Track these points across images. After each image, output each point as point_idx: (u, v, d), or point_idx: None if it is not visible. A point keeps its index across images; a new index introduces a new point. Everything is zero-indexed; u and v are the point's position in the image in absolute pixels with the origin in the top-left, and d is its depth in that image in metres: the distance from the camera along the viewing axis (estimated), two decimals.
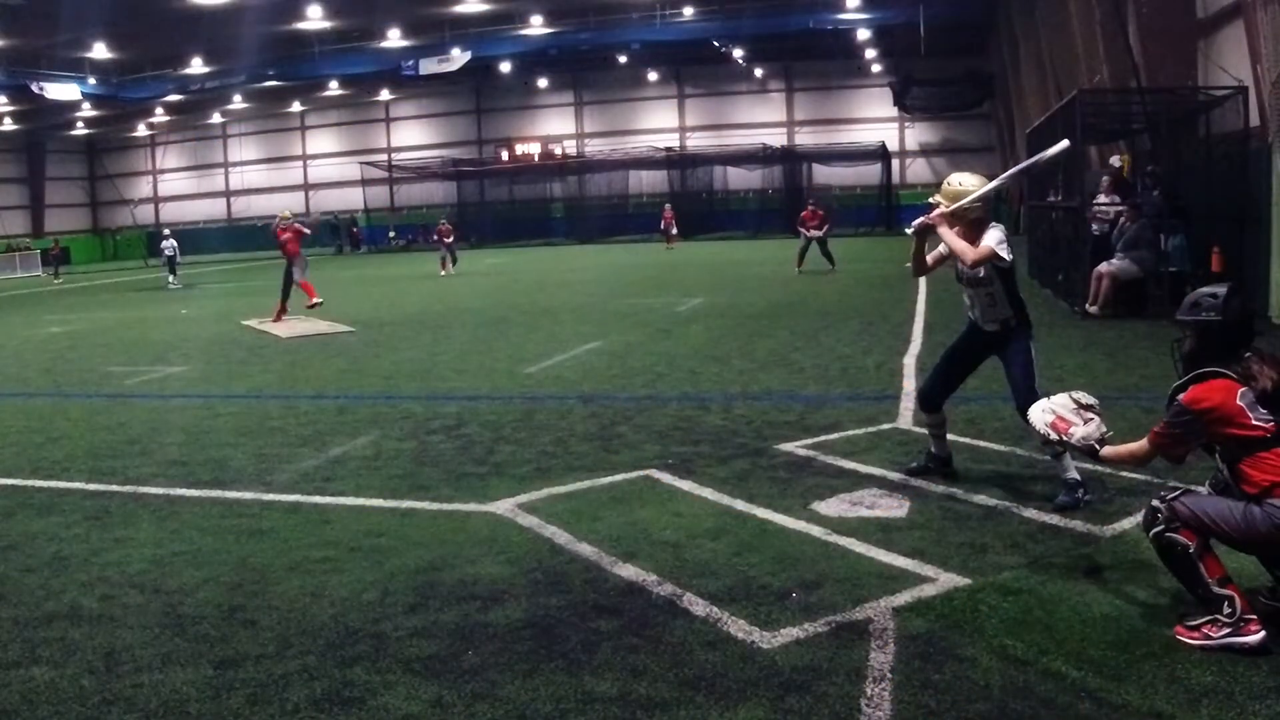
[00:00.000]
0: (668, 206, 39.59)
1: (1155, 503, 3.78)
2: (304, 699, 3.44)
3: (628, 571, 4.52)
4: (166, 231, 32.24)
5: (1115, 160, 16.51)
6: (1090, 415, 4.40)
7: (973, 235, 5.46)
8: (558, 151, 50.46)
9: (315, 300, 16.04)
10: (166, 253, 30.02)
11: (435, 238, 29.78)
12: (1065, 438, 4.39)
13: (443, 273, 27.60)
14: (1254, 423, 3.72)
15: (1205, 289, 4.06)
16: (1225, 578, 3.66)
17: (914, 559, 4.54)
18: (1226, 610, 3.57)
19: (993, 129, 42.45)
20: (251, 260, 43.35)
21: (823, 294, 17.45)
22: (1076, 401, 4.47)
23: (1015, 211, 33.58)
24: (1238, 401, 3.75)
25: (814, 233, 22.62)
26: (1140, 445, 4.00)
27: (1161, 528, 3.74)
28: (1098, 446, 4.26)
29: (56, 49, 35.94)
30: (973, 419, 7.24)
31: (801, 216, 23.45)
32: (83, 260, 53.85)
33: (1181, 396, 3.85)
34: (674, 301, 17.11)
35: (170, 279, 28.83)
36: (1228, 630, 3.56)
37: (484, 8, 37.01)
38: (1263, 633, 3.54)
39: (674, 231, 38.02)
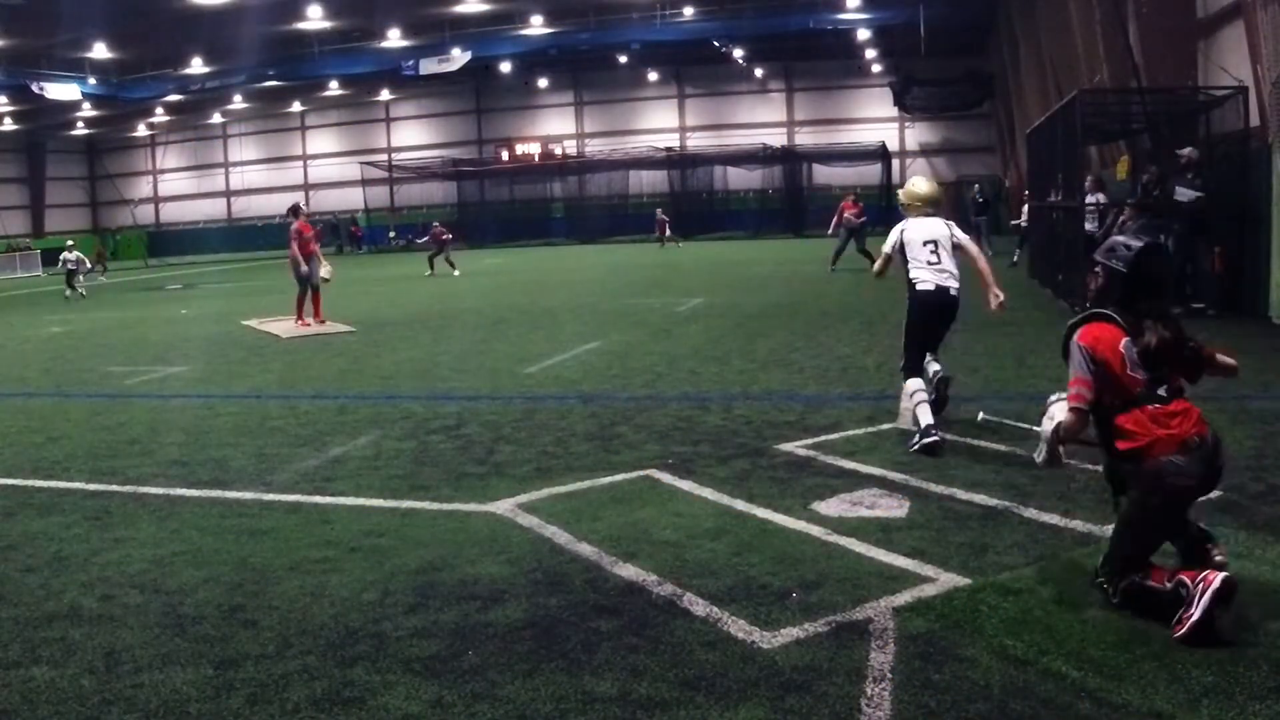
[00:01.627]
0: (660, 210, 40.80)
1: (1104, 583, 3.91)
2: (304, 699, 3.44)
3: (628, 571, 4.52)
4: (70, 243, 28.65)
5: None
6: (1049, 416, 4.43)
7: None
8: (558, 151, 50.48)
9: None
10: (69, 265, 26.82)
11: (427, 238, 29.75)
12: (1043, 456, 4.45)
13: (428, 273, 27.62)
14: (1129, 373, 3.92)
15: (1124, 238, 4.20)
16: (1168, 574, 3.79)
17: (914, 559, 4.54)
18: (1184, 593, 3.68)
19: (993, 129, 42.45)
20: (252, 260, 43.38)
21: (823, 294, 17.45)
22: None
23: (1015, 212, 33.57)
24: (1120, 348, 3.96)
25: (857, 220, 22.49)
26: (1069, 416, 4.11)
27: (1116, 601, 3.88)
28: (1059, 439, 4.30)
29: (56, 49, 35.95)
30: (973, 419, 7.23)
31: (841, 206, 23.29)
32: None
33: (1076, 337, 4.03)
34: (674, 301, 17.11)
35: (68, 291, 25.94)
36: (1195, 599, 3.64)
37: (484, 8, 37.03)
38: (1223, 574, 3.66)
39: (668, 234, 38.98)
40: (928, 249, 6.84)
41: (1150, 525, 3.88)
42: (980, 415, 4.98)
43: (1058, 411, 4.32)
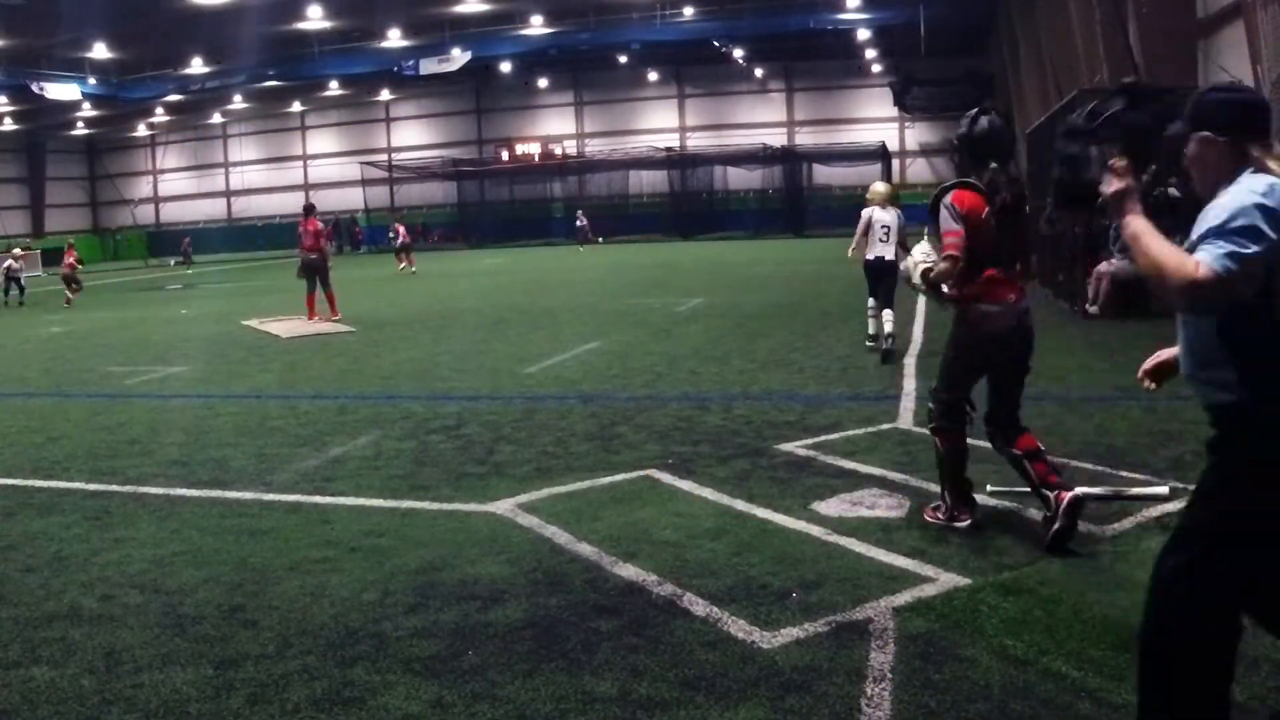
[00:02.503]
0: (580, 213, 43.48)
1: (929, 405, 5.01)
2: (304, 699, 3.44)
3: (628, 571, 4.52)
4: (18, 251, 27.48)
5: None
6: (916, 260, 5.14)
7: None
8: (558, 151, 50.47)
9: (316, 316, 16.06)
10: (11, 272, 25.05)
11: (393, 236, 31.16)
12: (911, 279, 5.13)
13: (400, 268, 28.72)
14: (988, 233, 4.63)
15: (971, 112, 4.90)
16: (957, 484, 4.88)
17: (914, 559, 4.54)
18: (946, 504, 4.92)
19: None
20: (252, 260, 43.39)
21: (823, 294, 17.45)
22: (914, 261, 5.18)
23: None
24: (982, 214, 4.65)
25: None
26: (947, 263, 4.72)
27: (932, 425, 4.98)
28: (925, 277, 4.93)
29: (56, 49, 35.95)
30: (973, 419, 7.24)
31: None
32: (82, 260, 53.81)
33: (948, 198, 4.69)
34: (674, 301, 17.11)
35: (4, 298, 24.69)
36: (946, 519, 4.90)
37: (484, 8, 37.02)
38: (969, 520, 4.85)
39: (589, 235, 41.61)
40: (881, 230, 10.43)
41: (963, 363, 4.84)
42: (989, 487, 5.20)
43: (918, 259, 5.09)
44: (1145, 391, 3.02)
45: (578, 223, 43.12)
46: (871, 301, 10.69)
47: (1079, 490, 4.61)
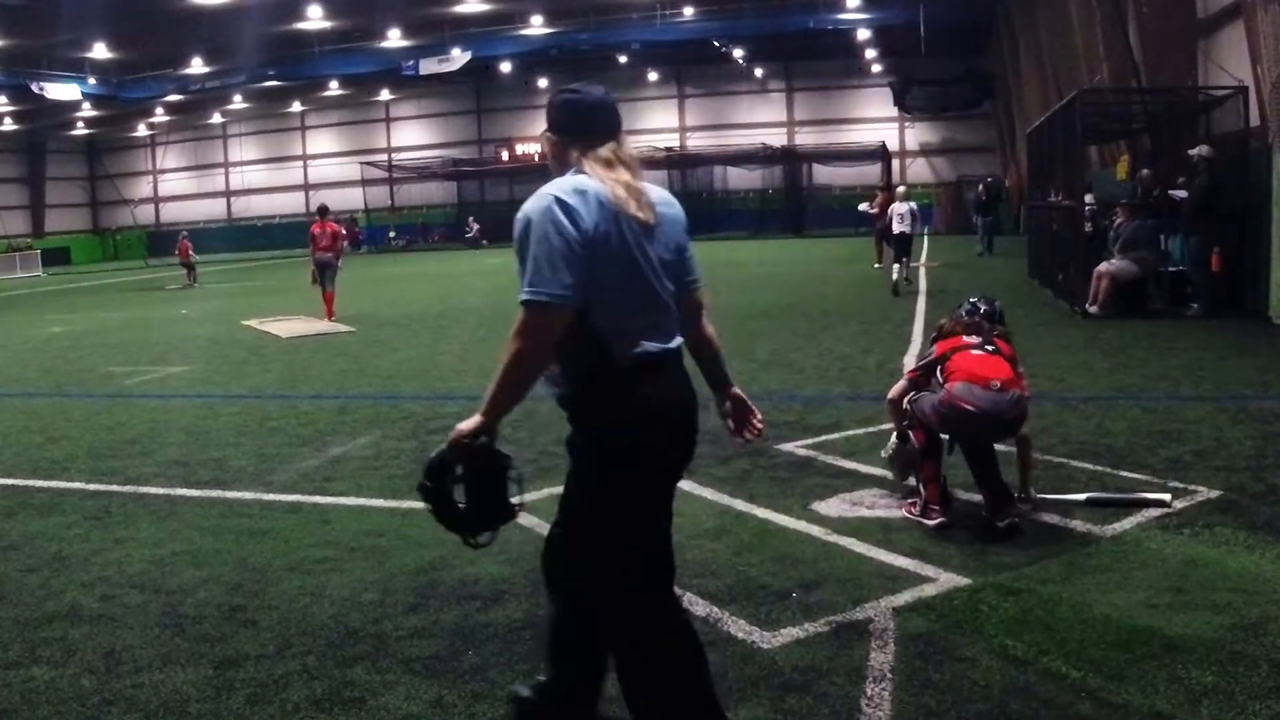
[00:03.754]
0: (471, 219, 45.73)
1: (905, 404, 5.27)
2: (304, 699, 3.44)
3: None
4: None
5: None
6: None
7: None
8: None
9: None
10: None
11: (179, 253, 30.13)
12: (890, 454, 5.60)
13: (182, 285, 27.97)
14: (964, 339, 5.19)
15: (975, 299, 5.74)
16: (930, 478, 5.02)
17: (914, 559, 4.54)
18: (920, 499, 5.07)
19: (993, 129, 42.44)
20: (252, 260, 43.38)
21: (823, 294, 17.45)
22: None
23: (1015, 211, 33.57)
24: (947, 338, 5.28)
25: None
26: (892, 389, 5.51)
27: (906, 423, 5.23)
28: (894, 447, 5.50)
29: (56, 49, 35.93)
30: None
31: (879, 201, 23.27)
32: (83, 260, 53.86)
33: (935, 343, 5.36)
34: None
35: None
36: (920, 513, 5.03)
37: (484, 8, 37.01)
38: (941, 520, 4.92)
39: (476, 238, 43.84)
40: (899, 215, 17.04)
41: (934, 423, 5.05)
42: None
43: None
44: None
45: (471, 224, 45.40)
46: (896, 266, 16.93)
47: (942, 521, 4.93)
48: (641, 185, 2.78)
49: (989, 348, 5.10)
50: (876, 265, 22.11)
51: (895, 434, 5.51)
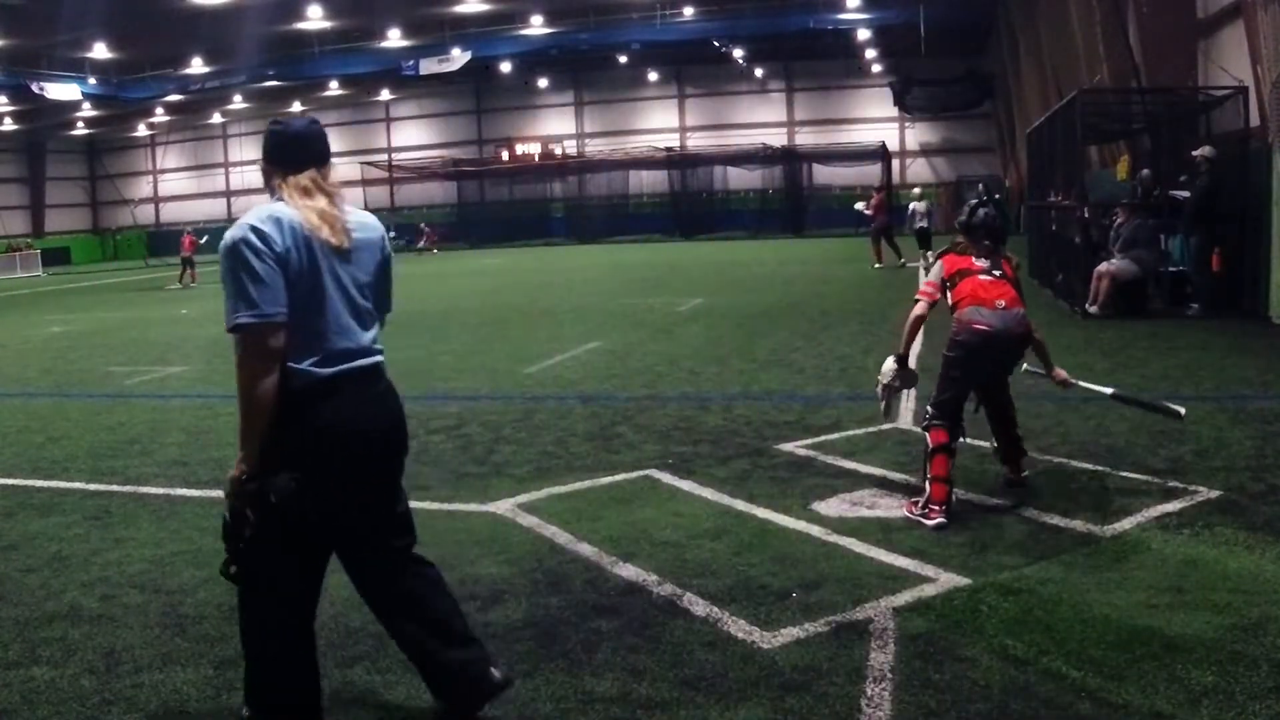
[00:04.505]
0: (424, 224, 46.50)
1: (927, 407, 5.37)
2: None
3: (628, 571, 4.52)
4: None
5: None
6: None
7: None
8: (558, 151, 50.41)
9: None
10: None
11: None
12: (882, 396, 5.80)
13: (178, 285, 27.62)
14: (973, 262, 5.44)
15: (970, 200, 5.79)
16: (939, 478, 5.07)
17: (914, 559, 4.54)
18: (924, 498, 5.11)
19: (993, 129, 42.45)
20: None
21: (823, 294, 17.45)
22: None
23: (1015, 211, 33.56)
24: (959, 255, 5.51)
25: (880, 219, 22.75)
26: (913, 310, 5.46)
27: (925, 424, 5.30)
28: (893, 372, 5.67)
29: (56, 49, 35.93)
30: (973, 419, 7.23)
31: (875, 201, 23.41)
32: (83, 260, 53.83)
33: (942, 258, 5.59)
34: (674, 301, 17.11)
35: None
36: (920, 512, 5.08)
37: (484, 8, 37.00)
38: (940, 520, 4.97)
39: (426, 243, 44.15)
40: (920, 215, 22.45)
41: (953, 365, 5.33)
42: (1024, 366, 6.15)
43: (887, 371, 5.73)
44: None
45: (422, 228, 45.77)
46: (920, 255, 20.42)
47: (941, 522, 5.00)
48: (339, 211, 3.01)
49: (996, 273, 5.38)
50: (877, 265, 22.11)
51: (894, 357, 5.62)
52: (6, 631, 4.11)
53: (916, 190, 24.54)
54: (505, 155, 50.33)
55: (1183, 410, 5.76)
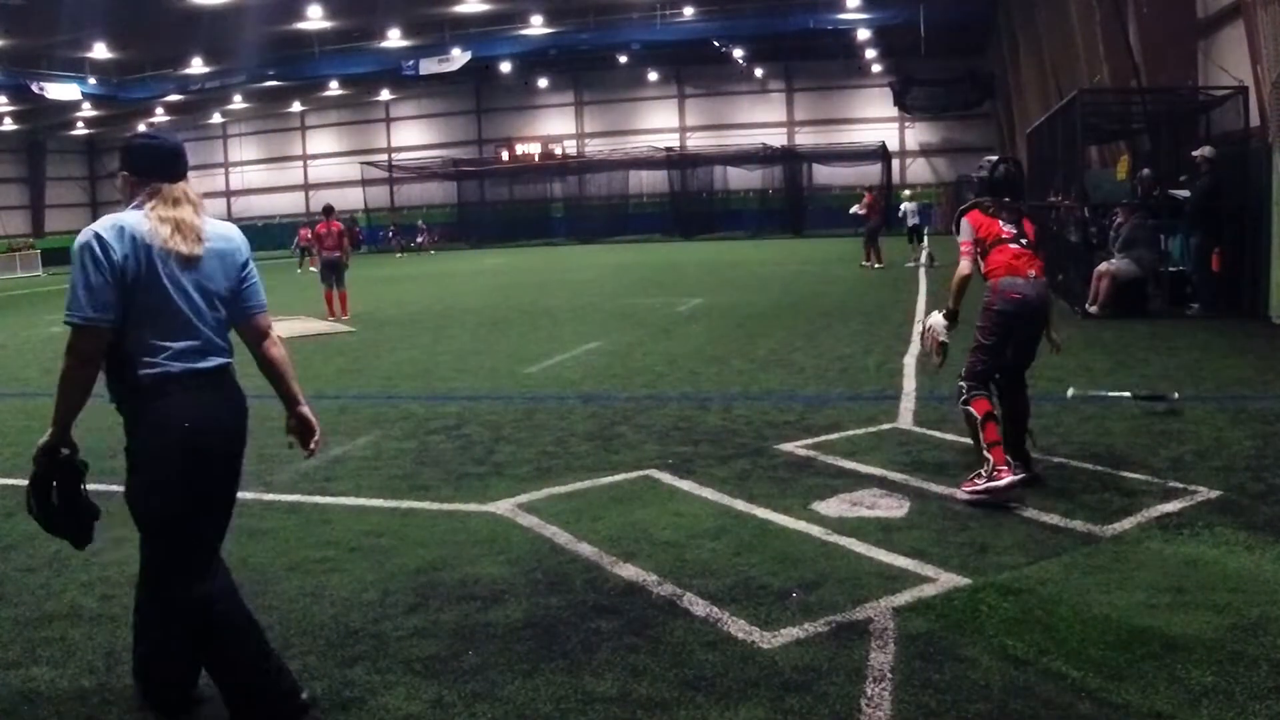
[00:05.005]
0: (421, 221, 47.24)
1: (960, 383, 5.59)
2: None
3: (628, 571, 4.52)
4: None
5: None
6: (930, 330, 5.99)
7: None
8: (558, 151, 50.45)
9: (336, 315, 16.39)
10: None
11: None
12: (933, 349, 5.99)
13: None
14: (1001, 228, 5.65)
15: (989, 158, 6.00)
16: (995, 443, 5.33)
17: (914, 559, 4.54)
18: (985, 467, 5.29)
19: (993, 129, 42.46)
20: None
21: (823, 294, 17.45)
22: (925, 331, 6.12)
23: None
24: (987, 216, 5.71)
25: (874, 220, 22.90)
26: (959, 269, 5.68)
27: (964, 398, 5.54)
28: (944, 327, 5.83)
29: (56, 49, 35.97)
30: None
31: (868, 201, 23.64)
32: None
33: (965, 215, 5.78)
34: (674, 301, 17.12)
35: None
36: (986, 479, 5.23)
37: (484, 8, 37.02)
38: (1014, 477, 5.21)
39: (421, 240, 45.22)
40: (911, 214, 22.96)
41: (989, 333, 5.56)
42: (1070, 391, 6.87)
43: (937, 325, 5.90)
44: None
45: (420, 225, 46.46)
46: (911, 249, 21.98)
47: (1017, 477, 5.28)
48: (197, 221, 3.20)
49: (1023, 241, 5.66)
50: (876, 265, 22.15)
51: (944, 313, 5.81)
52: (6, 631, 4.11)
53: (907, 192, 26.37)
54: (505, 155, 50.36)
55: (1176, 395, 6.15)
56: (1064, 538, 4.78)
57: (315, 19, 34.80)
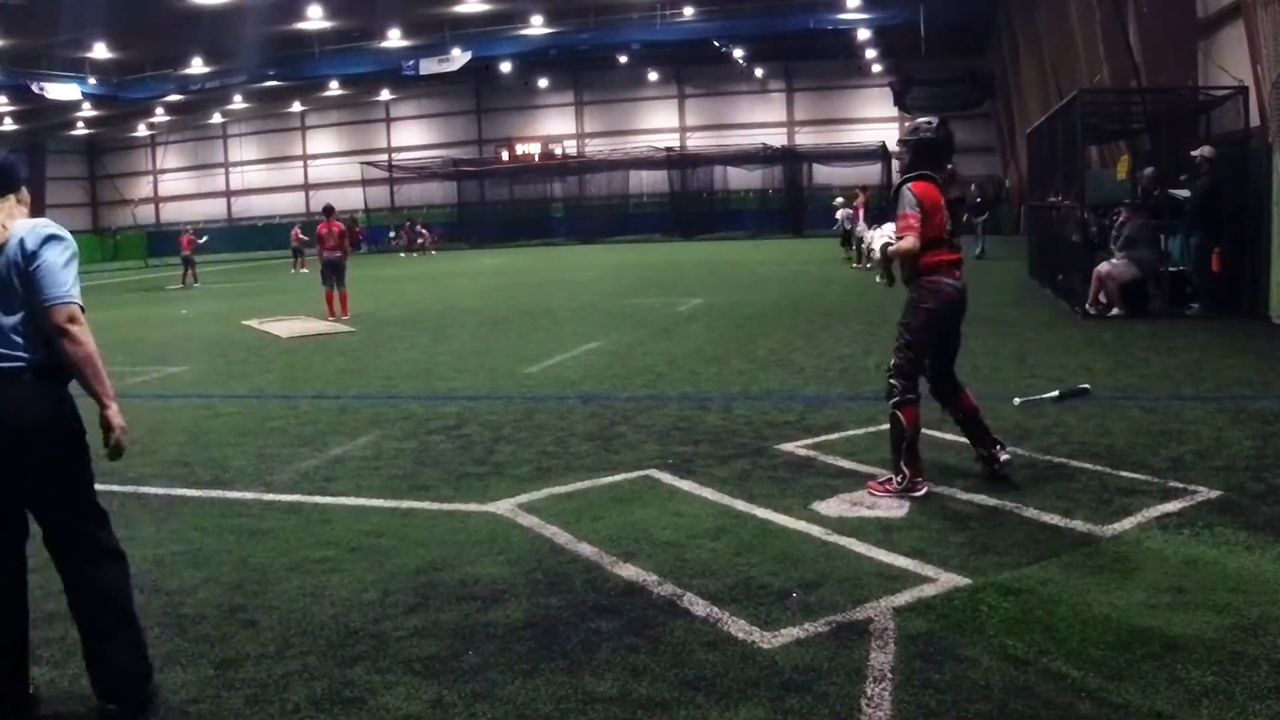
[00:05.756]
0: (419, 224, 46.22)
1: (890, 381, 5.61)
2: (304, 699, 3.44)
3: (628, 571, 4.52)
4: None
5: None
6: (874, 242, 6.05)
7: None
8: (558, 151, 50.45)
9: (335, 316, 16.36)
10: None
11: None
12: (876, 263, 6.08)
13: (181, 285, 27.79)
14: (941, 222, 5.52)
15: (924, 119, 5.83)
16: (917, 455, 5.50)
17: (914, 559, 4.54)
18: (900, 477, 5.48)
19: (993, 129, 42.44)
20: (251, 260, 43.35)
21: (823, 294, 17.45)
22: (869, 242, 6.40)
23: (1015, 211, 33.56)
24: (940, 203, 5.51)
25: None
26: (904, 240, 5.46)
27: (896, 400, 5.54)
28: (884, 251, 5.75)
29: (56, 49, 35.96)
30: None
31: (860, 202, 23.80)
32: (83, 260, 53.21)
33: (910, 186, 5.49)
34: (674, 301, 17.12)
35: None
36: (900, 490, 5.44)
37: (484, 8, 37.03)
38: (927, 490, 5.44)
39: (421, 241, 44.45)
40: (847, 219, 17.61)
41: (924, 328, 5.54)
42: (1017, 400, 7.00)
43: (879, 237, 5.90)
44: None
45: (420, 228, 45.65)
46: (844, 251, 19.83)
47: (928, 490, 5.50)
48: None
49: (957, 244, 5.76)
50: (869, 265, 22.19)
51: (883, 249, 5.81)
52: None
53: (839, 200, 26.62)
54: (505, 155, 50.37)
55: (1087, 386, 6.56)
56: (1064, 538, 4.77)
57: (315, 19, 34.81)
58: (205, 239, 34.43)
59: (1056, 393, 7.80)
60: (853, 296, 16.88)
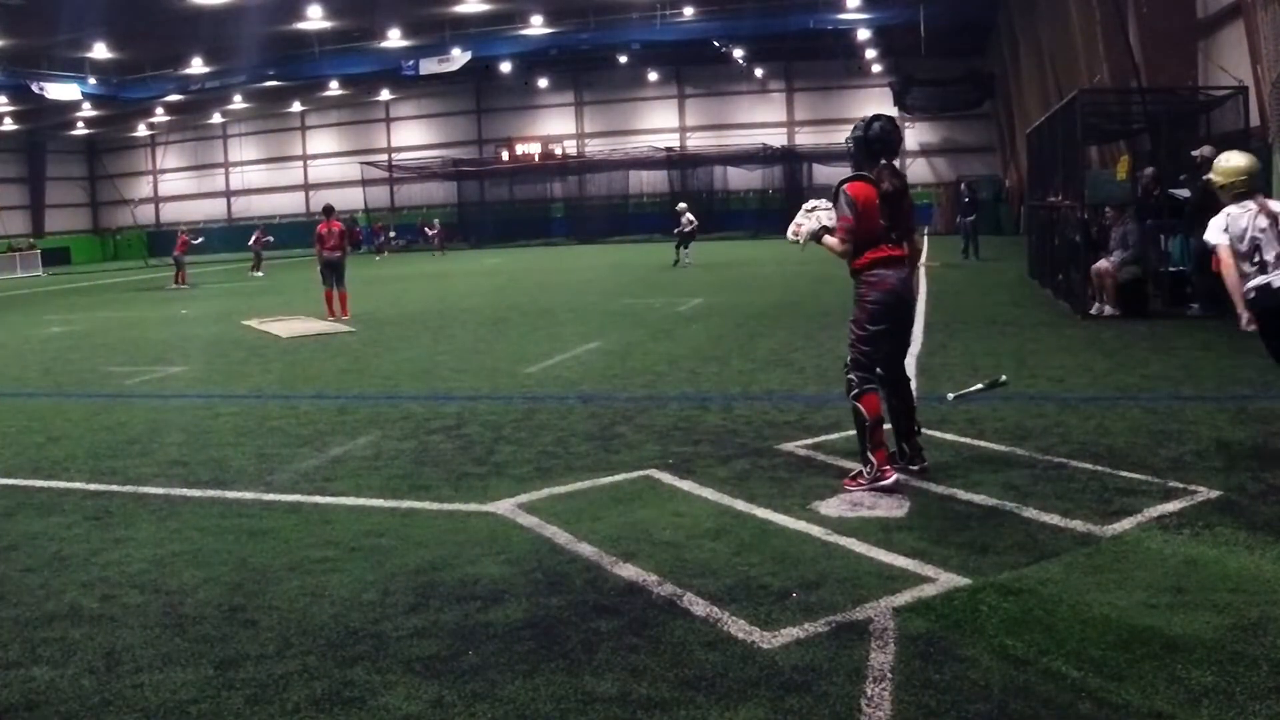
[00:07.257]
0: (436, 221, 45.23)
1: (848, 375, 5.67)
2: (304, 699, 3.44)
3: (628, 571, 4.52)
4: None
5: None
6: (814, 214, 6.03)
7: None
8: (558, 151, 50.45)
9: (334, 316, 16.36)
10: None
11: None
12: (795, 235, 6.11)
13: (174, 286, 27.42)
14: (877, 219, 5.59)
15: (861, 118, 5.88)
16: (881, 443, 5.54)
17: (914, 559, 4.54)
18: (868, 468, 5.53)
19: (993, 129, 42.45)
20: (250, 261, 43.30)
21: (823, 294, 17.44)
22: (809, 209, 6.12)
23: (1015, 211, 33.56)
24: (874, 200, 5.59)
25: None
26: (837, 240, 5.72)
27: (854, 393, 5.60)
28: (821, 234, 5.91)
29: (56, 49, 35.96)
30: (973, 419, 7.25)
31: None
32: (83, 260, 53.83)
33: (845, 188, 5.63)
34: (674, 301, 17.12)
35: None
36: (870, 481, 5.48)
37: (484, 8, 37.01)
38: (896, 477, 5.49)
39: (435, 241, 43.33)
40: (686, 223, 17.35)
41: (871, 320, 5.63)
42: (950, 396, 7.15)
43: (824, 217, 5.94)
44: None
45: (436, 228, 44.63)
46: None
47: (899, 479, 5.57)
48: None
49: (896, 238, 5.70)
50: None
51: (820, 231, 5.94)
52: (6, 631, 4.11)
53: (682, 205, 28.70)
54: (505, 155, 50.36)
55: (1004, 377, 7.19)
56: (1064, 538, 4.77)
57: (315, 19, 34.79)
58: (201, 239, 34.34)
59: (980, 385, 8.09)
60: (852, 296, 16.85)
